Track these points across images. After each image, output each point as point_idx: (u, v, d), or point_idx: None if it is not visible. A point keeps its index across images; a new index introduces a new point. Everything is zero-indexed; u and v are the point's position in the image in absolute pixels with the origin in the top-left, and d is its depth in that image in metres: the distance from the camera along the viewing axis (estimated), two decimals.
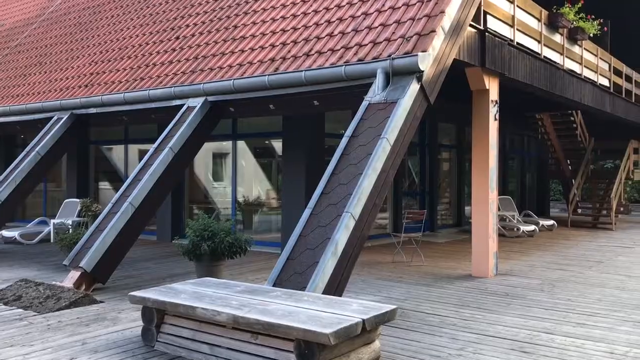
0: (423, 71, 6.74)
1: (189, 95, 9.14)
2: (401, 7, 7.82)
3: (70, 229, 11.15)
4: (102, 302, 6.92)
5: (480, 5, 8.28)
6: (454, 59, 7.57)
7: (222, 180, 13.20)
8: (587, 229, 16.51)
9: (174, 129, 8.79)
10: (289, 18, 9.21)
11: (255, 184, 12.91)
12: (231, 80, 8.56)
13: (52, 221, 12.52)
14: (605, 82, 13.98)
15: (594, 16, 12.16)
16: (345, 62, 7.42)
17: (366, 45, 7.55)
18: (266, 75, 8.14)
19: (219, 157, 13.37)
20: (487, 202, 8.83)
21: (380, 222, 13.50)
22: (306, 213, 6.08)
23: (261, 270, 9.13)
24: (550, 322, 6.11)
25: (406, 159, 14.40)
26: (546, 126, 18.47)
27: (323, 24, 8.55)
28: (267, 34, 9.17)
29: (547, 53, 10.56)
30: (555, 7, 11.11)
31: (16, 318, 6.15)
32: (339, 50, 7.79)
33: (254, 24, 9.68)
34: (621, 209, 18.79)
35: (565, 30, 11.31)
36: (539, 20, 10.29)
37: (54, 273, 8.70)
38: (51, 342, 5.30)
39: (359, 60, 7.31)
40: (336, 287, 5.59)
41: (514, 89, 10.34)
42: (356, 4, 8.51)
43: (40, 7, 17.69)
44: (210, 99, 8.91)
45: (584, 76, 12.41)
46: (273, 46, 8.79)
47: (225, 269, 8.13)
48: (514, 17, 9.34)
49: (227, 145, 12.51)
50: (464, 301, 7.09)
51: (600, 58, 13.60)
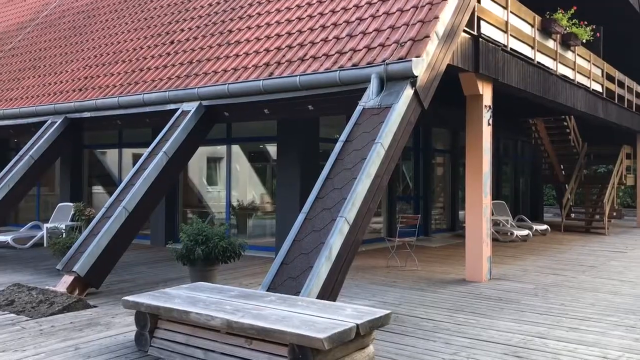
0: (417, 76, 6.77)
1: (184, 100, 9.14)
2: (395, 12, 7.86)
3: (64, 233, 11.11)
4: (95, 306, 6.89)
5: (474, 11, 8.33)
6: (448, 64, 7.60)
7: (216, 184, 13.19)
8: (580, 233, 16.58)
9: (168, 133, 8.79)
10: (283, 23, 9.24)
11: (249, 188, 12.91)
12: (226, 84, 8.57)
13: (46, 225, 12.48)
14: (598, 88, 14.06)
15: (586, 22, 12.25)
16: (339, 67, 7.44)
17: (360, 50, 7.57)
18: (261, 80, 8.16)
19: (213, 161, 13.36)
20: (480, 206, 8.86)
21: (375, 226, 13.52)
22: (300, 217, 6.08)
23: (255, 275, 9.11)
24: (543, 327, 6.13)
25: (400, 163, 14.43)
26: (539, 131, 18.57)
27: (318, 29, 8.57)
28: (262, 39, 9.18)
29: (541, 59, 10.62)
30: (548, 13, 11.18)
31: (8, 323, 6.11)
32: (334, 55, 7.81)
33: (249, 28, 9.69)
34: (614, 213, 18.89)
35: (559, 36, 11.38)
36: (532, 26, 10.35)
37: (47, 277, 8.66)
38: (44, 347, 5.28)
39: (353, 65, 7.34)
40: (330, 291, 5.59)
41: (508, 94, 10.39)
42: (350, 9, 8.54)
43: (34, 11, 17.66)
44: (205, 103, 8.91)
45: (577, 82, 12.49)
46: (268, 51, 8.81)
47: (219, 274, 8.11)
48: (507, 22, 9.39)
49: (221, 150, 12.50)
50: (457, 306, 7.10)
51: (593, 64, 13.69)
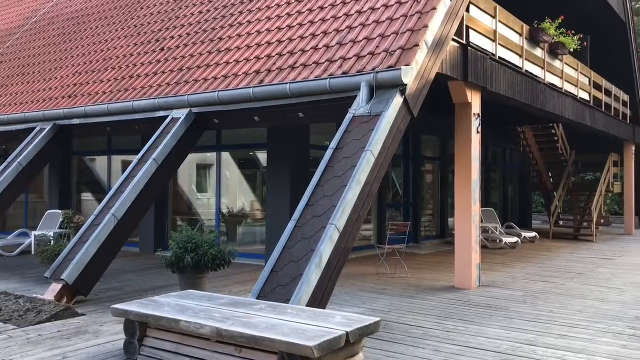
0: (406, 85, 6.81)
1: (174, 107, 9.14)
2: (385, 21, 7.91)
3: (52, 241, 11.03)
4: (83, 315, 6.84)
5: (463, 20, 8.41)
6: (437, 72, 7.66)
7: (206, 191, 13.16)
8: (568, 240, 16.68)
9: (158, 140, 8.77)
10: (274, 31, 9.27)
11: (239, 195, 12.89)
12: (216, 92, 8.58)
13: (34, 233, 12.38)
14: (585, 96, 14.20)
15: (574, 32, 12.39)
16: (330, 75, 7.48)
17: (350, 58, 7.62)
18: (251, 88, 8.17)
19: (203, 169, 13.33)
20: (470, 214, 8.90)
21: (365, 233, 13.54)
22: (291, 225, 6.09)
23: (245, 283, 9.09)
24: (532, 334, 6.16)
25: (390, 171, 14.48)
26: (528, 139, 18.72)
27: (308, 37, 8.61)
28: (253, 47, 9.21)
29: (529, 67, 10.72)
30: (536, 22, 11.31)
31: None
32: (324, 63, 7.85)
33: (239, 36, 9.72)
34: (602, 221, 19.04)
35: (546, 45, 11.50)
36: (521, 35, 10.45)
37: (34, 286, 8.59)
38: (31, 356, 5.23)
39: (344, 73, 7.37)
40: (320, 299, 5.59)
41: (496, 103, 10.47)
42: (341, 17, 8.59)
43: (23, 18, 17.59)
44: (195, 110, 8.91)
45: (565, 90, 12.61)
46: (258, 58, 8.83)
47: (208, 282, 8.09)
48: (496, 32, 9.48)
49: (211, 157, 12.49)
50: (447, 313, 7.12)
51: (581, 72, 13.84)
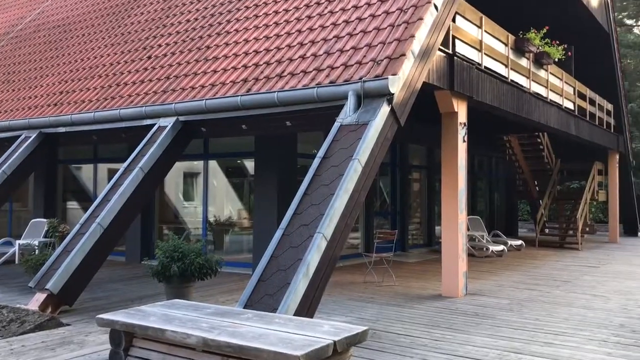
0: (393, 94, 6.85)
1: (160, 115, 9.11)
2: (372, 31, 7.96)
3: (37, 250, 10.91)
4: (68, 325, 6.77)
5: (449, 30, 8.48)
6: (424, 82, 7.71)
7: (193, 200, 13.11)
8: (554, 248, 16.80)
9: (144, 148, 8.73)
10: (261, 40, 9.29)
11: (226, 203, 12.86)
12: (203, 100, 8.57)
13: (18, 242, 12.22)
14: (570, 106, 14.36)
15: (558, 41, 12.55)
16: (317, 84, 7.50)
17: (338, 67, 7.65)
18: (238, 96, 8.17)
19: (189, 177, 13.29)
20: (456, 222, 8.94)
21: (352, 242, 13.55)
22: (278, 234, 6.08)
23: (232, 292, 9.05)
24: (519, 342, 6.18)
25: (377, 179, 14.52)
26: (514, 148, 18.88)
27: (295, 46, 8.64)
28: (240, 55, 9.22)
29: (514, 77, 10.83)
30: (521, 32, 11.43)
31: None
32: (311, 72, 7.87)
33: (227, 44, 9.72)
34: (587, 229, 19.20)
35: (532, 54, 11.63)
36: (506, 45, 10.56)
37: (18, 295, 8.48)
38: None
39: (331, 82, 7.40)
40: (308, 308, 5.58)
41: (482, 112, 10.56)
42: (328, 27, 8.63)
43: (8, 25, 17.47)
44: (182, 118, 8.89)
45: (550, 99, 12.75)
46: (246, 67, 8.84)
47: (195, 291, 8.04)
48: (481, 41, 9.57)
49: (198, 165, 12.45)
50: (434, 321, 7.14)
51: (565, 82, 14.00)
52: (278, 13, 9.71)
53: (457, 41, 8.76)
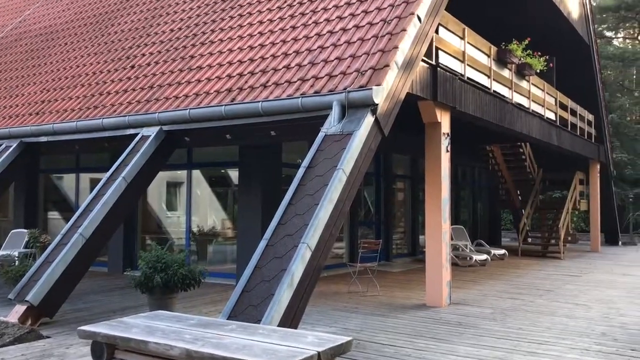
0: (377, 104, 6.89)
1: (144, 125, 9.05)
2: (356, 41, 8.00)
3: (17, 261, 10.75)
4: (49, 337, 6.68)
5: (432, 41, 8.56)
6: (407, 92, 7.76)
7: (176, 209, 13.03)
8: (537, 257, 16.94)
9: (127, 158, 8.67)
10: (246, 49, 9.29)
11: (210, 213, 12.79)
12: (187, 109, 8.54)
13: None
14: (551, 116, 14.54)
15: (540, 53, 12.71)
16: (301, 94, 7.51)
17: (322, 77, 7.67)
18: (223, 106, 8.16)
19: (173, 186, 13.21)
20: (440, 231, 8.98)
21: (337, 251, 13.54)
22: (262, 244, 6.06)
23: (215, 303, 8.99)
24: (501, 351, 6.21)
25: (362, 188, 14.55)
26: (496, 157, 19.06)
27: (280, 56, 8.65)
28: (224, 65, 9.21)
29: (497, 87, 10.94)
30: (503, 43, 11.57)
31: None
32: (296, 82, 7.89)
33: (211, 54, 9.71)
34: (569, 238, 19.38)
35: (514, 65, 11.77)
36: (489, 56, 10.68)
37: None
38: None
39: (316, 92, 7.42)
40: (292, 319, 5.56)
41: (465, 122, 10.65)
42: (312, 37, 8.67)
43: None
44: (165, 128, 8.84)
45: (532, 110, 12.90)
46: (230, 76, 8.83)
47: (178, 302, 7.98)
48: (464, 53, 9.67)
49: (181, 174, 12.38)
50: (418, 331, 7.15)
51: (547, 93, 14.18)
52: (262, 23, 9.73)
53: (440, 52, 8.84)
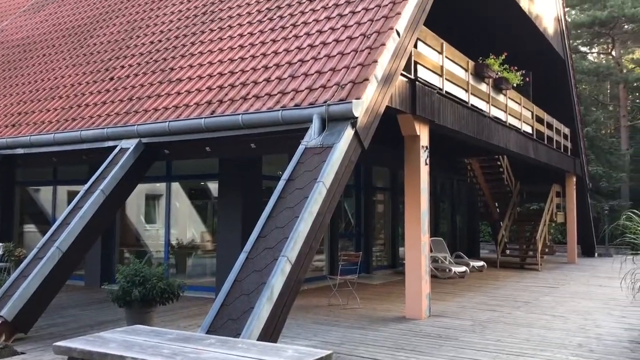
0: (357, 117, 6.93)
1: (123, 137, 8.99)
2: (336, 55, 8.06)
3: None
4: (23, 353, 6.55)
5: (411, 55, 8.66)
6: (387, 106, 7.83)
7: (155, 222, 12.92)
8: (515, 269, 17.09)
9: (105, 170, 8.59)
10: (226, 62, 9.30)
11: (189, 226, 12.71)
12: (166, 122, 8.50)
13: None
14: (528, 129, 14.76)
15: (516, 67, 12.93)
16: (282, 107, 7.53)
17: (302, 91, 7.70)
18: (203, 118, 8.14)
19: (152, 199, 13.11)
20: (419, 244, 9.03)
21: (317, 264, 13.52)
22: (242, 257, 6.03)
23: (195, 317, 8.91)
24: None
25: (342, 200, 14.59)
26: (475, 170, 19.26)
27: (260, 69, 8.68)
28: (204, 77, 9.20)
29: (474, 101, 11.09)
30: (481, 58, 11.75)
31: None
32: (276, 95, 7.91)
33: (191, 66, 9.70)
34: (546, 250, 19.62)
35: (491, 80, 11.95)
36: (466, 71, 10.83)
37: None
38: None
39: (296, 105, 7.44)
40: (271, 332, 5.54)
41: (444, 135, 10.76)
42: (293, 51, 8.71)
43: None
44: (145, 140, 8.79)
45: (509, 123, 13.08)
46: (210, 89, 8.82)
47: (156, 316, 7.89)
48: (442, 67, 9.80)
49: (160, 187, 12.30)
50: (398, 344, 7.16)
51: (524, 107, 14.40)
52: (243, 36, 9.76)
53: (418, 66, 8.95)
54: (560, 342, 7.30)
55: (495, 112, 12.20)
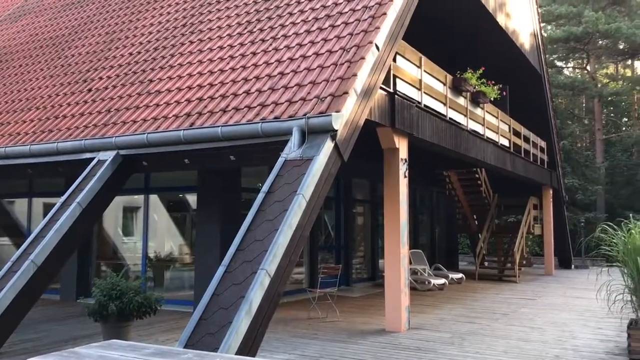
0: (337, 130, 6.96)
1: (100, 149, 8.89)
2: (316, 69, 8.10)
3: None
4: None
5: (390, 69, 8.73)
6: (366, 119, 7.88)
7: (133, 235, 12.77)
8: (493, 281, 17.22)
9: (82, 182, 8.48)
10: (205, 74, 9.28)
11: (167, 239, 12.59)
12: (145, 134, 8.43)
13: None
14: (505, 142, 14.95)
15: (494, 81, 13.11)
16: (261, 119, 7.53)
17: (282, 103, 7.71)
18: (181, 130, 8.09)
19: (129, 211, 12.96)
20: (399, 256, 9.06)
21: (296, 277, 13.47)
22: (220, 270, 5.98)
23: (172, 331, 8.80)
24: None
25: (322, 213, 14.59)
26: (453, 182, 19.42)
27: (240, 81, 8.67)
28: (183, 89, 9.17)
29: (452, 115, 11.21)
30: (459, 72, 11.89)
31: None
32: (256, 107, 7.90)
33: (170, 78, 9.66)
34: (524, 262, 19.81)
35: (469, 93, 12.10)
36: (445, 84, 10.96)
37: None
38: None
39: (276, 117, 7.45)
40: (250, 346, 5.49)
41: (423, 148, 10.84)
42: (273, 63, 8.73)
43: None
44: (123, 152, 8.71)
45: (486, 137, 13.23)
46: (189, 101, 8.79)
47: (134, 330, 7.78)
48: (421, 80, 9.89)
49: (138, 199, 12.18)
50: (377, 357, 7.14)
51: (501, 120, 14.59)
52: (223, 48, 9.76)
53: (397, 80, 9.02)
54: (538, 354, 7.35)
55: (473, 126, 12.34)
